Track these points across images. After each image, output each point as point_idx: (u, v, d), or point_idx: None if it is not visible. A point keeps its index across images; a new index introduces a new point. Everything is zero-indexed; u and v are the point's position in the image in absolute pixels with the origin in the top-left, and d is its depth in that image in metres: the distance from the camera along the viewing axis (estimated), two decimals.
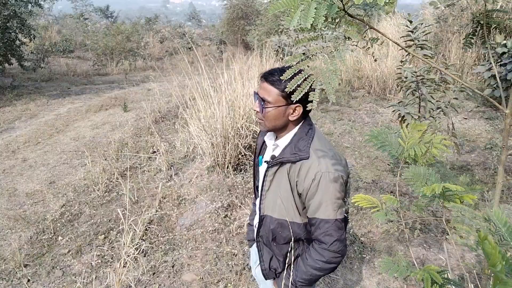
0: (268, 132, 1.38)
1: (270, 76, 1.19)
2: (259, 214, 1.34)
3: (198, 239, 2.87)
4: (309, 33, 0.80)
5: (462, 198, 0.84)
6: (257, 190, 1.47)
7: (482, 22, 1.01)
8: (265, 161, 1.33)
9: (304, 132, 1.25)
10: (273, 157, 1.29)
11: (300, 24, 0.62)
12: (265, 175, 1.28)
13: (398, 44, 0.94)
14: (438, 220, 2.66)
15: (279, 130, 1.28)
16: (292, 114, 1.24)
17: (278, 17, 11.02)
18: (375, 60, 3.52)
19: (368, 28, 0.85)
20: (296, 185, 1.20)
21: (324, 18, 0.64)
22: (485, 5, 0.90)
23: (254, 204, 1.63)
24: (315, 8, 0.64)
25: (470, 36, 1.11)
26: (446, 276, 0.89)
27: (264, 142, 1.43)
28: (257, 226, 1.38)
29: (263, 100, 1.21)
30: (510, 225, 0.61)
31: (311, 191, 1.17)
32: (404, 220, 0.89)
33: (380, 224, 2.88)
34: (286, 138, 1.28)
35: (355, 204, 0.92)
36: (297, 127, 1.27)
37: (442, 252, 2.58)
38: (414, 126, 0.95)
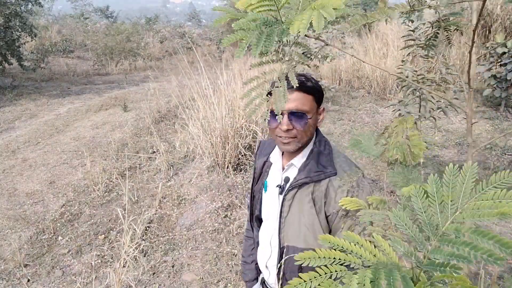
0: (274, 152, 1.22)
1: (302, 83, 1.03)
2: (279, 246, 1.14)
3: (198, 239, 2.87)
4: (262, 57, 0.81)
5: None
6: (257, 221, 1.28)
7: (441, 26, 1.05)
8: (277, 186, 1.15)
9: (322, 146, 1.11)
10: (287, 179, 1.13)
11: (251, 51, 0.63)
12: (283, 199, 1.11)
13: (355, 57, 0.94)
14: None
15: (301, 146, 1.11)
16: (319, 120, 1.12)
17: None
18: (317, 66, 3.58)
19: (326, 45, 0.85)
20: (324, 206, 1.06)
21: (276, 41, 0.65)
22: (437, 12, 0.93)
23: (248, 238, 1.42)
24: (267, 36, 0.64)
25: (433, 39, 1.15)
26: None
27: (264, 165, 1.24)
28: (275, 261, 1.16)
29: (302, 112, 1.04)
30: (410, 225, 0.61)
31: (343, 211, 1.03)
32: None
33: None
34: (302, 155, 1.11)
35: (342, 207, 0.89)
36: (312, 140, 1.13)
37: None
38: (400, 122, 0.93)
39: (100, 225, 3.16)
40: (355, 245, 0.57)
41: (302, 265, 1.12)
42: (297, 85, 0.69)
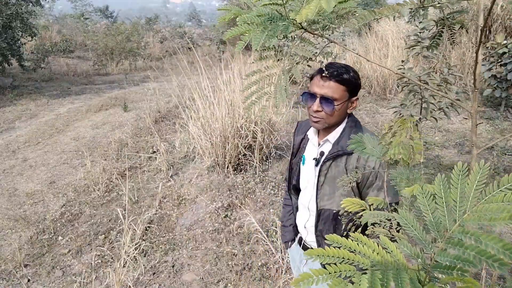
0: (311, 130, 1.41)
1: (338, 75, 1.22)
2: (316, 209, 1.36)
3: (198, 239, 2.87)
4: (268, 51, 0.81)
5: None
6: (294, 190, 1.51)
7: (446, 24, 1.04)
8: (314, 159, 1.37)
9: (353, 124, 1.32)
10: (322, 153, 1.35)
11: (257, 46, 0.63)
12: (320, 170, 1.32)
13: (359, 55, 0.94)
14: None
15: (333, 126, 1.32)
16: (350, 107, 1.31)
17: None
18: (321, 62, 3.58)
19: (330, 43, 0.84)
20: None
21: (280, 37, 0.65)
22: (442, 11, 0.93)
23: (286, 205, 1.66)
24: (270, 31, 0.64)
25: (437, 37, 1.15)
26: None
27: (302, 141, 1.46)
28: (314, 221, 1.40)
29: (331, 99, 1.23)
30: (417, 226, 0.60)
31: (370, 179, 1.24)
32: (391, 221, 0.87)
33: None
34: (336, 133, 1.33)
35: (345, 209, 0.89)
36: (345, 120, 1.33)
37: None
38: (401, 122, 0.92)
39: (100, 225, 3.16)
40: (363, 246, 0.57)
41: (336, 225, 1.31)
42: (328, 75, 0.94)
